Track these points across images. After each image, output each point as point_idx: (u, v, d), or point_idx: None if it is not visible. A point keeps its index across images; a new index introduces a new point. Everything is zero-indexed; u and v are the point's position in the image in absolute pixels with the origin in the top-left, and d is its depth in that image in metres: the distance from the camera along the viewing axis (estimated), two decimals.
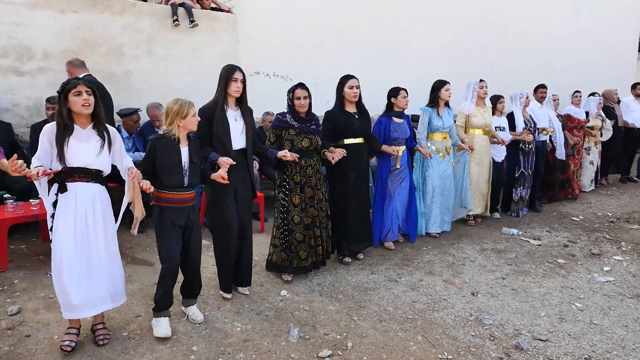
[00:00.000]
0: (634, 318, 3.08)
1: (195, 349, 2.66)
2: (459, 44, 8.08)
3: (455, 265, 4.00)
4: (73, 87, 2.45)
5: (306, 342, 2.75)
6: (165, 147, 2.75)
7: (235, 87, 3.10)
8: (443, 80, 4.66)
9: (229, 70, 3.11)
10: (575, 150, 6.43)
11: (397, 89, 4.34)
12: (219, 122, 3.08)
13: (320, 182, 3.67)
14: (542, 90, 5.97)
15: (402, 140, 4.36)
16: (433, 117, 4.64)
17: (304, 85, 3.54)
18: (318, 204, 3.64)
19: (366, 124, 4.03)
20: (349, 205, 3.97)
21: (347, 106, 3.97)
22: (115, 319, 2.98)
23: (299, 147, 3.49)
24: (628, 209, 5.90)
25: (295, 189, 3.55)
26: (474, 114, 5.02)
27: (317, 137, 3.60)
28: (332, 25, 6.84)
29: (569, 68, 9.22)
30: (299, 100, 3.50)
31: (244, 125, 3.20)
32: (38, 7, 4.88)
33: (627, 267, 3.99)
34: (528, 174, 5.59)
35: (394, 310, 3.17)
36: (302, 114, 3.55)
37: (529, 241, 4.66)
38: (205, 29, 5.88)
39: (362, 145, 4.02)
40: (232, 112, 3.17)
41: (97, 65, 4.96)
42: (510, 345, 2.75)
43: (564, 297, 3.40)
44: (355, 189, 3.99)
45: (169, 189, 2.76)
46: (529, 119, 5.62)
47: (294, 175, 3.54)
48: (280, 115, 3.60)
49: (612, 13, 10.12)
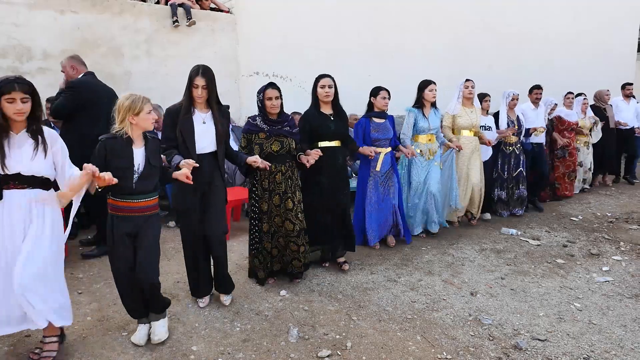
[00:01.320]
0: (633, 318, 3.09)
1: (195, 348, 2.66)
2: (458, 45, 8.10)
3: (454, 265, 4.01)
4: (7, 92, 2.20)
5: (305, 342, 2.75)
6: (115, 148, 2.49)
7: (196, 93, 2.94)
8: (428, 80, 4.56)
9: (190, 75, 2.95)
10: (567, 153, 6.30)
11: (378, 89, 4.21)
12: (182, 124, 2.93)
13: (292, 189, 3.43)
14: (537, 91, 5.79)
15: (385, 142, 4.22)
16: (419, 118, 4.55)
17: (275, 84, 3.35)
18: (286, 213, 3.41)
19: (342, 126, 3.82)
20: (323, 213, 3.74)
21: (323, 107, 3.76)
22: (115, 318, 2.99)
23: (268, 152, 3.31)
24: (627, 209, 5.92)
25: (264, 196, 3.38)
26: (459, 115, 4.93)
27: (289, 140, 3.39)
28: (332, 26, 6.85)
29: (568, 69, 9.24)
30: (270, 101, 3.30)
31: (214, 128, 3.01)
32: (38, 8, 4.89)
33: (625, 267, 4.00)
34: (509, 176, 5.46)
35: (393, 310, 3.17)
36: (274, 115, 3.36)
37: (528, 241, 4.67)
38: (204, 29, 5.89)
39: (337, 149, 3.81)
40: (200, 115, 3.01)
41: (96, 65, 4.95)
42: (509, 345, 2.75)
43: (562, 297, 3.41)
44: (329, 195, 3.75)
45: (118, 195, 2.52)
46: (514, 120, 5.48)
47: (263, 180, 3.37)
48: (251, 119, 3.41)
49: (611, 14, 10.15)
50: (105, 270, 3.77)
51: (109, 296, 3.31)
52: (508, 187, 5.52)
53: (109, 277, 3.59)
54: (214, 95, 3.00)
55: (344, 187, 3.92)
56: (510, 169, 5.48)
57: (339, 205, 3.84)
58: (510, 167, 5.48)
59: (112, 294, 3.31)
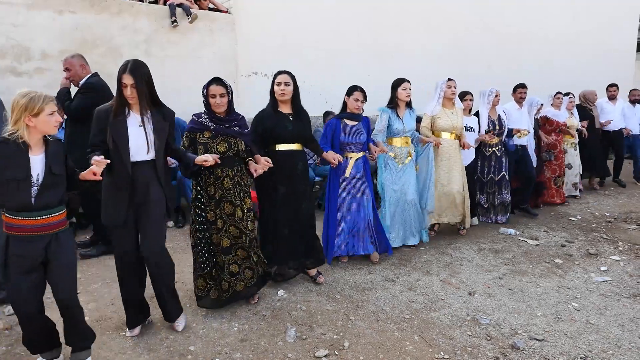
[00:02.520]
0: (630, 318, 3.09)
1: (192, 348, 2.66)
2: (457, 45, 8.10)
3: (452, 265, 4.01)
4: None
5: (303, 342, 2.75)
6: (6, 155, 2.10)
7: (125, 93, 2.56)
8: (401, 79, 4.20)
9: (119, 72, 2.57)
10: (553, 155, 5.93)
11: (353, 89, 3.83)
12: (113, 128, 2.54)
13: (242, 196, 3.07)
14: (522, 90, 5.45)
15: (356, 146, 3.85)
16: (393, 119, 4.18)
17: (220, 80, 2.99)
18: (239, 222, 3.05)
19: (303, 128, 3.47)
20: (279, 224, 3.40)
21: (281, 106, 3.43)
22: (113, 319, 2.99)
23: (213, 152, 2.92)
24: (625, 209, 5.91)
25: (210, 204, 3.00)
26: (438, 116, 4.57)
27: (238, 141, 3.03)
28: (331, 26, 6.85)
29: (567, 69, 9.24)
30: (214, 99, 2.96)
31: (152, 132, 2.63)
32: (36, 8, 4.89)
33: (624, 267, 4.00)
34: (491, 179, 5.12)
35: (391, 310, 3.17)
36: (220, 114, 3.02)
37: (527, 241, 4.67)
38: (203, 29, 5.89)
39: (296, 152, 3.45)
40: (136, 117, 2.62)
41: (95, 65, 4.93)
42: (506, 344, 2.75)
43: (560, 297, 3.41)
44: (287, 204, 3.40)
45: (13, 212, 2.13)
46: (495, 119, 5.11)
47: (209, 186, 2.99)
48: (196, 116, 3.06)
49: (610, 14, 10.15)
50: (103, 270, 3.78)
51: (107, 296, 3.31)
52: (488, 192, 5.18)
53: (107, 277, 3.62)
54: (149, 95, 2.64)
55: (305, 195, 3.53)
56: (490, 172, 5.13)
57: (300, 216, 3.47)
58: (491, 170, 5.13)
59: (110, 294, 3.32)
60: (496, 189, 5.16)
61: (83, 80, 4.01)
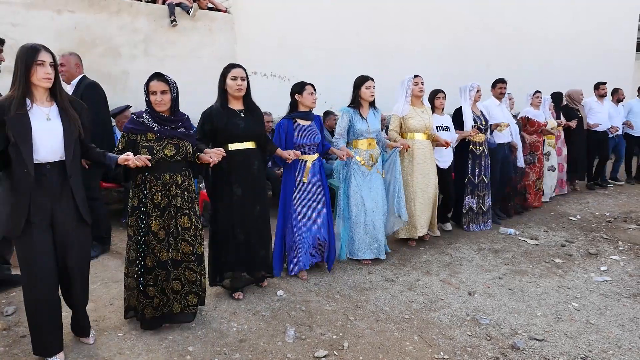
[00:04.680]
0: (630, 317, 3.08)
1: (191, 349, 2.65)
2: (457, 45, 8.11)
3: (452, 265, 4.00)
4: None
5: (302, 342, 2.74)
6: None
7: (42, 73, 2.20)
8: (364, 76, 3.93)
9: (29, 51, 2.19)
10: (536, 158, 5.74)
11: (303, 85, 3.58)
12: (13, 123, 2.16)
13: (190, 204, 2.79)
14: (501, 85, 5.21)
15: (311, 147, 3.58)
16: (355, 120, 3.87)
17: (162, 75, 2.71)
18: (183, 233, 2.76)
19: (255, 124, 3.26)
20: (233, 230, 3.18)
21: (232, 102, 3.21)
22: (111, 319, 2.98)
23: (160, 157, 2.66)
24: (625, 209, 5.91)
25: (155, 212, 2.69)
26: (409, 116, 4.25)
27: (186, 143, 2.75)
28: (330, 26, 6.85)
29: (567, 69, 9.25)
30: (155, 96, 2.67)
31: (61, 127, 2.29)
32: (35, 7, 4.88)
33: (624, 267, 3.99)
34: (482, 180, 4.84)
35: (391, 310, 3.16)
36: (164, 112, 2.74)
37: (526, 241, 4.66)
38: (202, 29, 5.89)
39: (251, 151, 3.23)
40: (42, 110, 2.27)
41: (94, 65, 4.96)
42: (506, 345, 2.74)
43: (560, 297, 3.40)
44: (242, 207, 3.18)
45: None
46: (479, 115, 4.89)
47: (154, 194, 2.68)
48: (136, 115, 2.75)
49: (610, 14, 10.16)
50: (101, 270, 3.76)
51: (105, 297, 3.30)
52: (479, 195, 4.87)
53: (105, 278, 3.61)
54: (58, 81, 2.32)
55: (262, 197, 3.32)
56: (482, 172, 4.83)
57: (256, 220, 3.27)
58: (482, 171, 4.83)
59: (109, 295, 3.31)
60: (486, 191, 4.93)
61: (75, 80, 3.99)
